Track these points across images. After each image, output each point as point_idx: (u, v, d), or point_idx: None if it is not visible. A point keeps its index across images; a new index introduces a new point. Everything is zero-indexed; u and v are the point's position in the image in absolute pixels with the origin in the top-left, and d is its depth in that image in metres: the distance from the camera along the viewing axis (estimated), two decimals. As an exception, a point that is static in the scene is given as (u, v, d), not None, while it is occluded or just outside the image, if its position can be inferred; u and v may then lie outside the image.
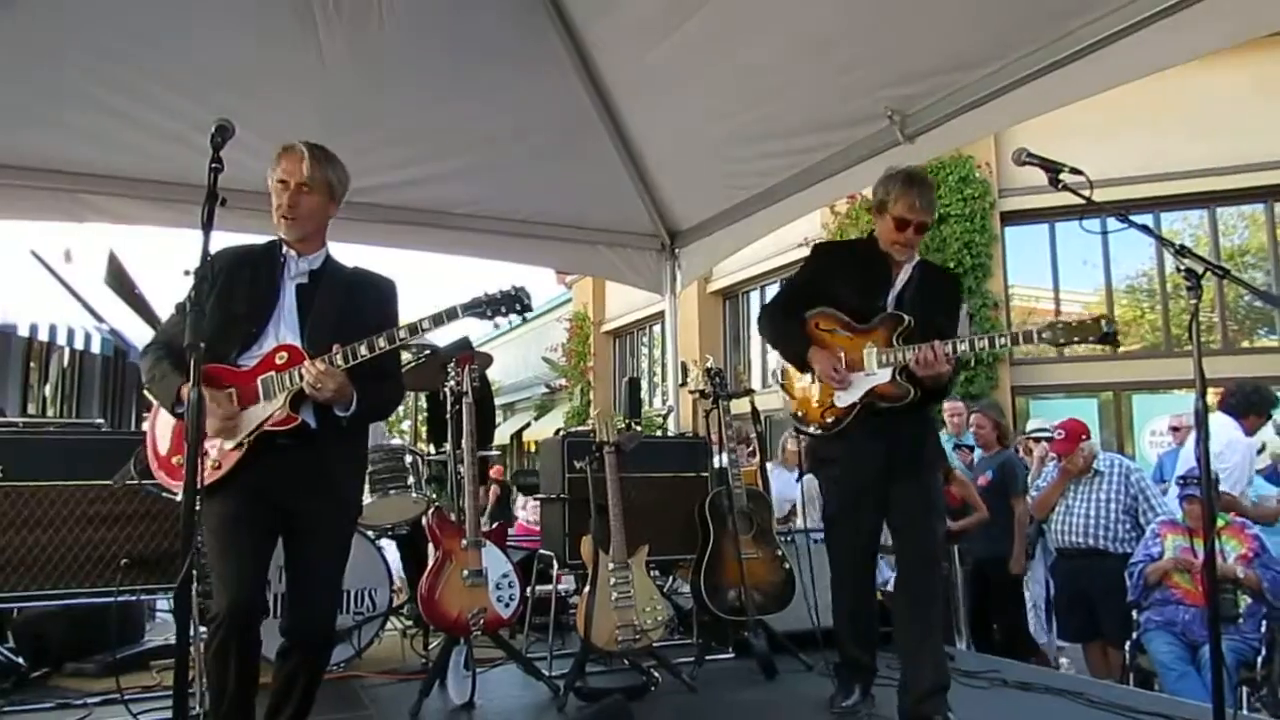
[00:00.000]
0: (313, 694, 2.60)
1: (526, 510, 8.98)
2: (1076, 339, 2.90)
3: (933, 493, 3.33)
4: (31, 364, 9.48)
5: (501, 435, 21.77)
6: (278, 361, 2.49)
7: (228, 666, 2.38)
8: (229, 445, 2.46)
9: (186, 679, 1.95)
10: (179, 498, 2.39)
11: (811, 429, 3.36)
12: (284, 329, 2.57)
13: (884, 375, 3.19)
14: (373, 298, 2.75)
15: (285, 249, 2.65)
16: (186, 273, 2.14)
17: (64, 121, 4.19)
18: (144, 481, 2.99)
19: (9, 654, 3.84)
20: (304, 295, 2.62)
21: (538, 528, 8.18)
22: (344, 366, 2.48)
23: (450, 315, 2.59)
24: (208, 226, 2.09)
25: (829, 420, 3.29)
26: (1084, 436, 5.31)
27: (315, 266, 2.68)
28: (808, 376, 3.37)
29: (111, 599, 3.59)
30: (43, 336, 9.08)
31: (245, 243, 2.71)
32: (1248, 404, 5.36)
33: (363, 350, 2.49)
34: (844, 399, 3.25)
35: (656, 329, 17.07)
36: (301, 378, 2.45)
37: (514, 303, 2.65)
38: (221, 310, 2.50)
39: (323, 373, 2.43)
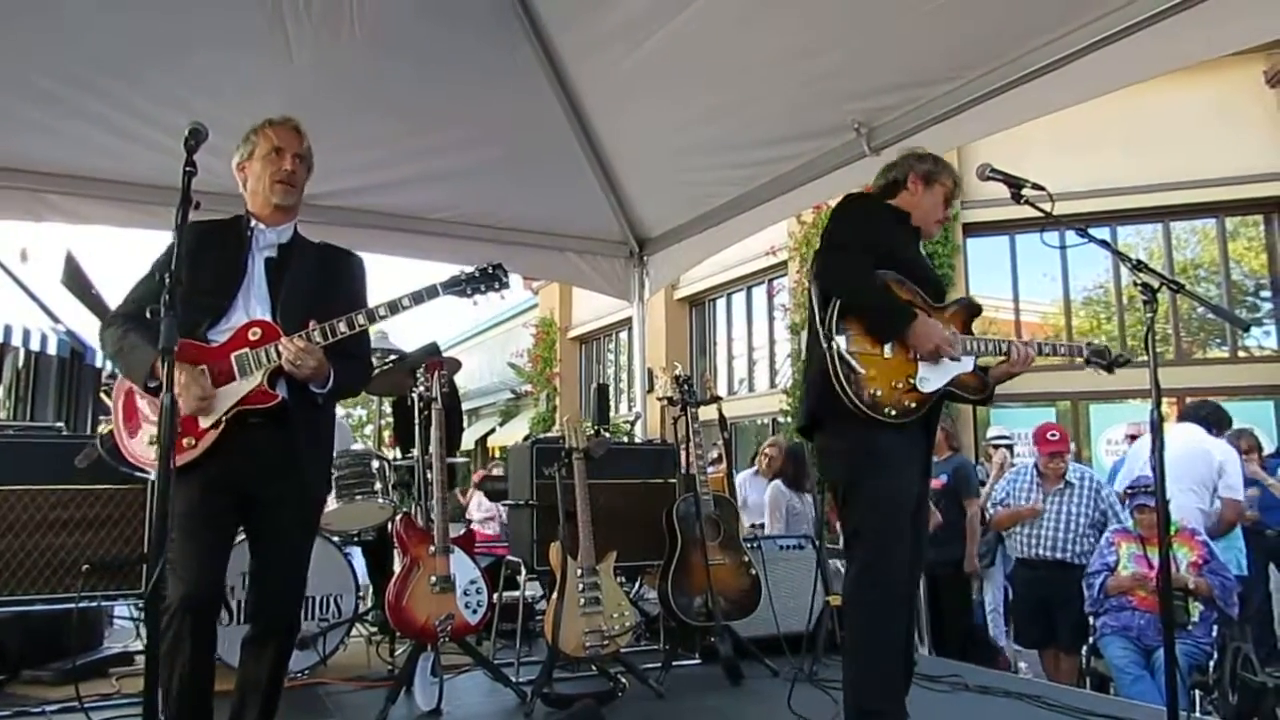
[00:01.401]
0: (280, 684, 2.53)
1: (481, 511, 8.75)
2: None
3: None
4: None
5: (466, 441, 21.65)
6: (251, 337, 2.42)
7: (181, 661, 2.28)
8: (205, 423, 2.38)
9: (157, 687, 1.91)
10: (152, 477, 2.36)
11: (887, 412, 2.73)
12: (254, 302, 2.51)
13: (968, 364, 2.91)
14: (344, 273, 2.71)
15: (253, 222, 2.58)
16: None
17: (24, 119, 4.12)
18: (121, 466, 2.77)
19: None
20: (273, 269, 2.56)
21: (491, 532, 8.13)
22: (323, 344, 2.42)
23: (430, 293, 2.57)
24: (180, 230, 2.06)
25: (909, 405, 2.77)
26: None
27: (284, 240, 2.62)
28: (885, 349, 2.78)
29: (73, 605, 3.51)
30: (14, 341, 8.88)
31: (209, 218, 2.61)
32: (1216, 419, 5.53)
33: (342, 327, 2.44)
34: (930, 382, 2.80)
35: (623, 335, 17.11)
36: (279, 354, 2.39)
37: (493, 280, 2.65)
38: (188, 284, 2.37)
39: (303, 349, 2.38)
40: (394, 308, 2.52)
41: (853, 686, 2.78)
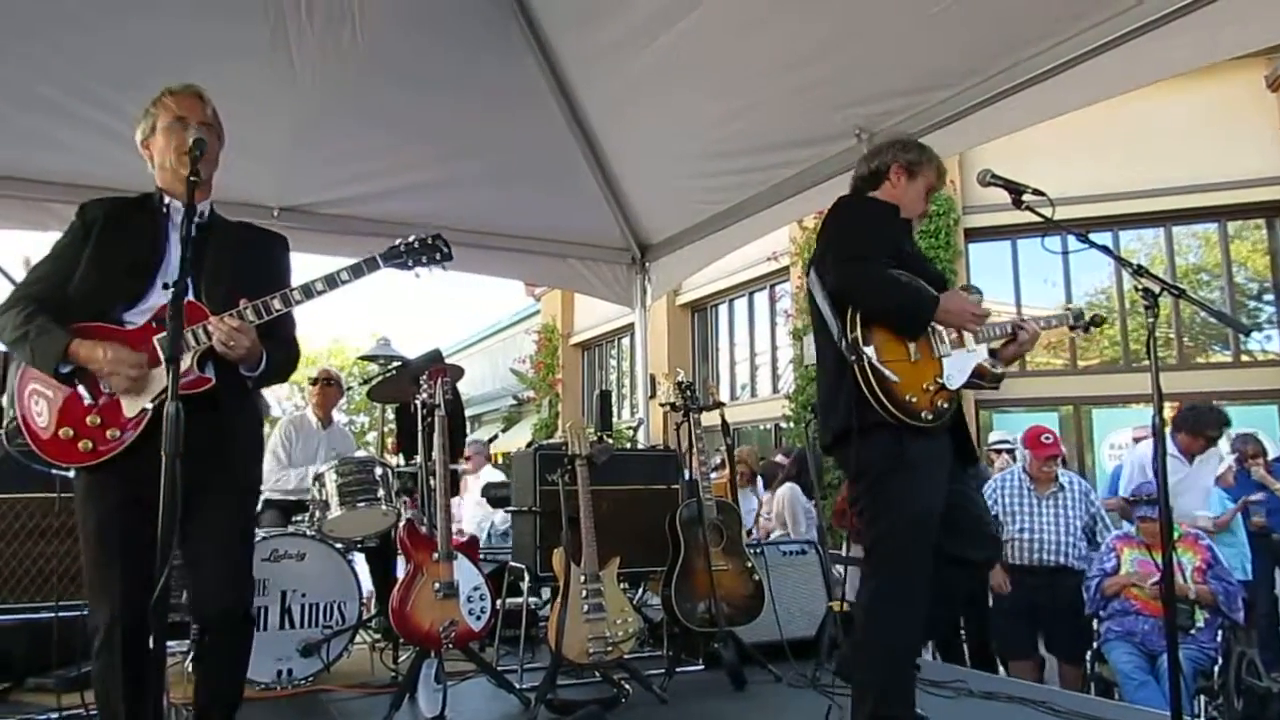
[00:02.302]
0: (240, 681, 2.40)
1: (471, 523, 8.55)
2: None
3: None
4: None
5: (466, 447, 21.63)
6: None
7: (117, 688, 2.15)
8: (130, 411, 2.23)
9: (162, 696, 1.90)
10: (71, 474, 2.25)
11: (924, 416, 2.68)
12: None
13: (983, 352, 2.88)
14: (266, 254, 2.59)
15: (167, 199, 2.41)
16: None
17: (28, 129, 4.16)
18: (34, 464, 2.35)
19: (-33, 670, 3.77)
20: (192, 248, 2.24)
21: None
22: (256, 323, 2.29)
23: (371, 265, 2.48)
24: (187, 240, 2.05)
25: (941, 405, 2.73)
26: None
27: (203, 220, 2.43)
28: (911, 351, 2.73)
29: (52, 614, 3.44)
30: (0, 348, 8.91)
31: (116, 195, 2.50)
32: (1182, 421, 5.50)
33: (277, 304, 2.32)
34: (955, 378, 2.77)
35: (625, 341, 17.13)
36: (208, 334, 2.25)
37: (433, 251, 2.61)
38: (101, 264, 2.31)
39: (236, 329, 2.24)
40: (331, 281, 2.40)
41: (867, 693, 2.74)
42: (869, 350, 2.66)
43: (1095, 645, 4.80)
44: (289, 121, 4.41)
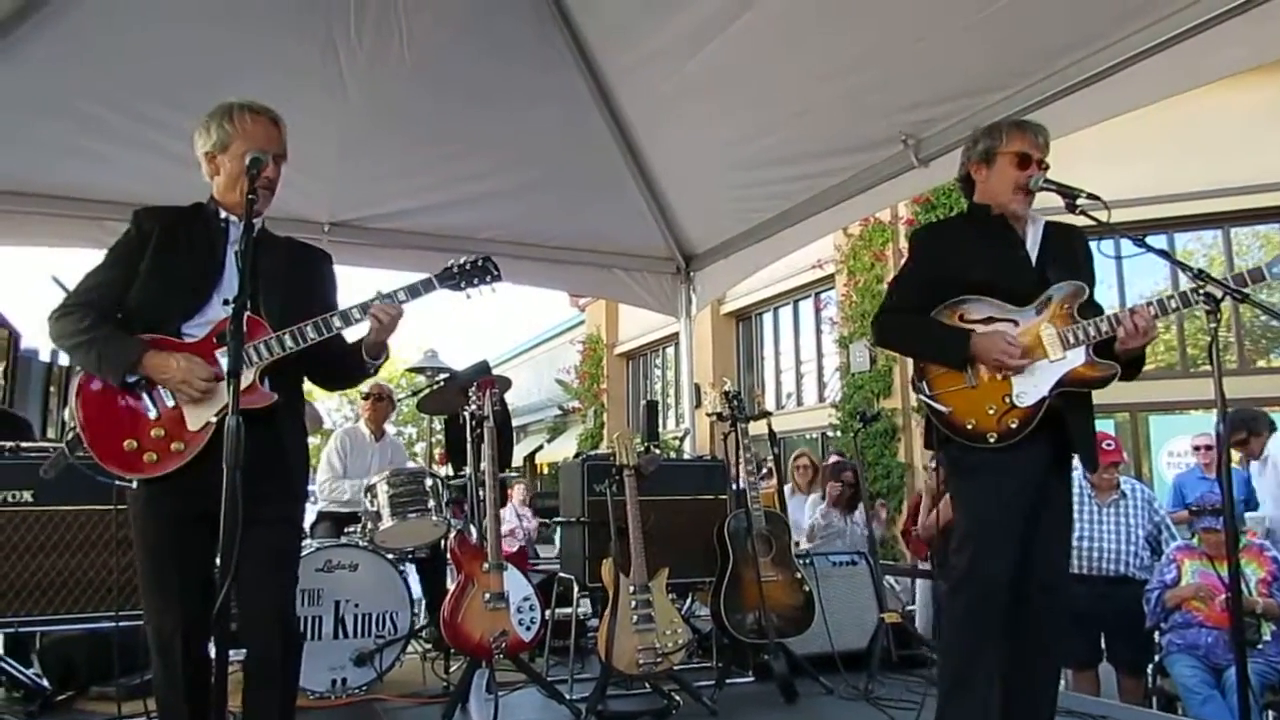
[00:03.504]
0: (290, 691, 2.36)
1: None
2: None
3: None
4: (51, 389, 9.56)
5: (514, 458, 21.82)
6: None
7: (178, 696, 2.20)
8: (194, 425, 2.24)
9: (224, 707, 1.92)
10: (133, 485, 2.25)
11: (990, 439, 2.62)
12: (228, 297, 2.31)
13: (1076, 357, 2.68)
14: (315, 268, 2.63)
15: (223, 214, 2.42)
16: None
17: (86, 151, 4.28)
18: (99, 476, 2.34)
19: (34, 677, 3.87)
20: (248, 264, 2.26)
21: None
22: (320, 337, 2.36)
23: (426, 286, 2.53)
24: (245, 254, 2.08)
25: (1013, 425, 2.62)
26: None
27: (255, 235, 2.35)
28: (969, 377, 2.68)
29: (112, 623, 3.51)
30: (63, 361, 9.17)
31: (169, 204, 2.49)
32: (1239, 425, 5.38)
33: (355, 313, 2.40)
34: (1029, 395, 2.63)
35: (669, 351, 17.13)
36: (269, 350, 2.28)
37: (484, 273, 2.65)
38: (160, 276, 2.32)
39: (399, 314, 2.41)
40: (389, 300, 2.45)
41: (940, 714, 2.70)
42: (923, 385, 2.74)
43: (1157, 658, 4.67)
44: (338, 136, 4.49)
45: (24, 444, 3.78)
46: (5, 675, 3.92)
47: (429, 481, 4.49)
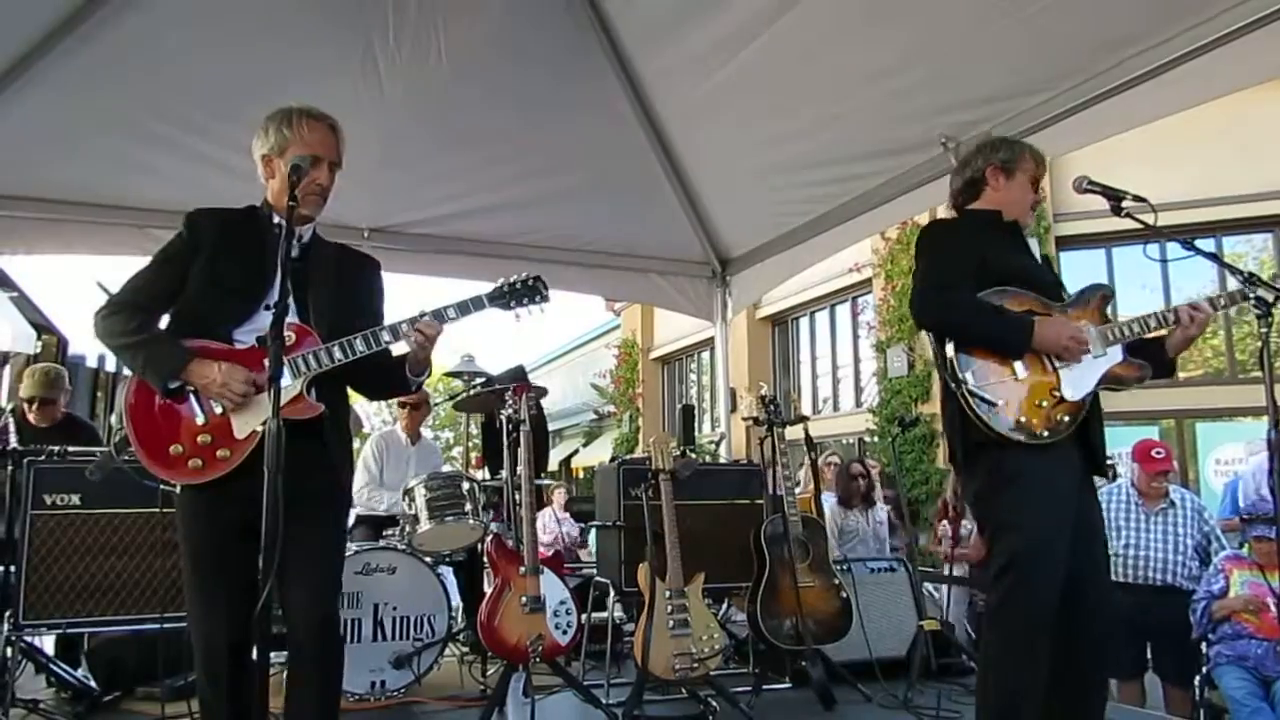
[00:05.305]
0: (334, 694, 2.34)
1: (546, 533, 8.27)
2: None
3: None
4: (98, 393, 9.77)
5: (550, 462, 21.89)
6: (285, 342, 2.18)
7: (220, 699, 2.21)
8: (241, 433, 2.23)
9: (266, 708, 1.94)
10: (178, 490, 2.26)
11: (1041, 434, 2.55)
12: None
13: (1116, 355, 2.71)
14: (364, 276, 2.62)
15: (276, 218, 2.39)
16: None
17: (133, 160, 4.37)
18: (145, 480, 2.38)
19: (82, 678, 3.95)
20: (296, 270, 2.29)
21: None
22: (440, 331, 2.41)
23: (476, 304, 2.51)
24: (285, 262, 2.07)
25: (1063, 420, 2.57)
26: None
27: (305, 241, 2.47)
28: (1018, 369, 2.60)
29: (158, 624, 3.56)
30: (109, 367, 9.39)
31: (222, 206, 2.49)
32: None
33: (404, 328, 2.37)
34: (1076, 390, 2.60)
35: (705, 355, 17.10)
36: (318, 361, 2.28)
37: (533, 293, 2.64)
38: (212, 280, 2.31)
39: (439, 332, 2.39)
40: (440, 316, 2.43)
41: None
42: (967, 376, 2.56)
43: (1205, 669, 4.57)
44: (378, 143, 4.54)
45: (71, 448, 3.86)
46: (54, 676, 4.01)
47: (466, 485, 4.52)
